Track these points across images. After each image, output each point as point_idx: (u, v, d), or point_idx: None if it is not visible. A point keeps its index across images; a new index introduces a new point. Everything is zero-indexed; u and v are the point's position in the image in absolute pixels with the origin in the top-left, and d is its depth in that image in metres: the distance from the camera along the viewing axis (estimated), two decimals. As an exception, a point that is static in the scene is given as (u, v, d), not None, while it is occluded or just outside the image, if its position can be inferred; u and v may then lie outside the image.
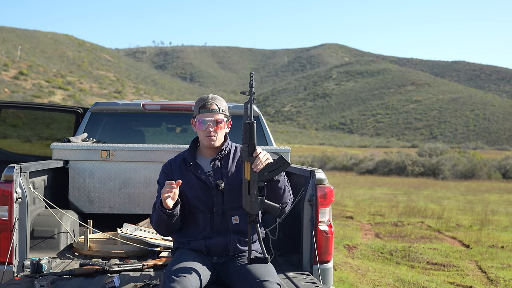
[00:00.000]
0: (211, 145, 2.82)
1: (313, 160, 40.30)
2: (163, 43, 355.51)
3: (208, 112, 2.79)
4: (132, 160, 3.93)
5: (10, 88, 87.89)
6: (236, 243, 2.76)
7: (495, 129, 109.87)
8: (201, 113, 2.80)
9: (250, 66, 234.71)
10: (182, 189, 2.77)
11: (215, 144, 2.82)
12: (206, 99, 2.83)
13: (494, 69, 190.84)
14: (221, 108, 2.82)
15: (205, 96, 2.87)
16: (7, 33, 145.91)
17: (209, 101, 2.81)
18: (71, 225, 3.65)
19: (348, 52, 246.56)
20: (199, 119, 2.79)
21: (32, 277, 2.77)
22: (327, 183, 3.12)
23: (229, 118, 2.88)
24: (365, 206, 13.94)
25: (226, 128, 2.89)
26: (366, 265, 6.69)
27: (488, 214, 12.49)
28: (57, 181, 3.87)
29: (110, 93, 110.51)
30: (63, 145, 3.93)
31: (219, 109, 2.81)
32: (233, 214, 2.79)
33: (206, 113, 2.79)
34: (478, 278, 6.13)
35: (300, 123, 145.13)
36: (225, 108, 2.85)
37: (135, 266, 3.05)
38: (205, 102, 2.81)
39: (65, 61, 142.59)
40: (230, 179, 2.79)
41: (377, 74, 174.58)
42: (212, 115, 2.79)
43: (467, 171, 30.34)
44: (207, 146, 2.83)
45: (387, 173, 33.15)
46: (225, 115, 2.84)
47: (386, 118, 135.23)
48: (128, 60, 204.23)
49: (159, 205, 2.66)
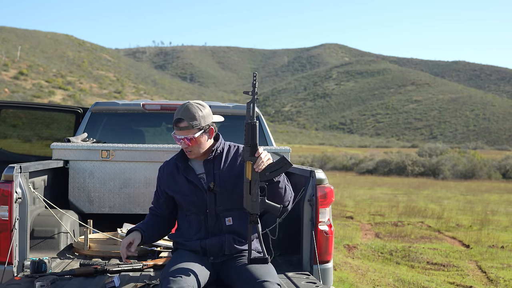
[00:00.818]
0: (192, 157, 2.81)
1: (313, 160, 40.30)
2: (163, 43, 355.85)
3: (178, 130, 2.72)
4: (132, 160, 3.93)
5: (10, 88, 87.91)
6: (232, 243, 2.76)
7: (495, 129, 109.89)
8: (174, 129, 2.75)
9: (250, 66, 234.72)
10: (176, 194, 2.82)
11: (193, 157, 2.79)
12: (177, 115, 2.71)
13: (494, 69, 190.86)
14: (193, 123, 2.68)
15: (178, 108, 2.74)
16: (7, 33, 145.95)
17: (179, 118, 2.70)
18: (71, 225, 3.64)
19: (348, 52, 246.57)
20: (174, 135, 2.76)
21: (32, 277, 2.77)
22: (327, 183, 3.12)
23: (207, 128, 2.74)
24: (365, 206, 13.94)
25: (208, 137, 2.78)
26: (366, 265, 6.69)
27: (488, 214, 12.49)
28: (57, 181, 3.87)
29: (110, 93, 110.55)
30: (63, 145, 3.93)
31: (190, 125, 2.68)
32: (227, 215, 2.78)
33: (177, 131, 2.73)
34: (478, 278, 6.13)
35: (300, 123, 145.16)
36: (199, 121, 2.69)
37: (135, 266, 3.05)
38: (176, 119, 2.71)
39: (65, 61, 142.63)
40: (223, 180, 2.78)
41: (377, 74, 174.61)
42: (184, 133, 2.71)
43: (467, 171, 30.35)
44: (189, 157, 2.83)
45: (387, 173, 33.16)
46: (200, 127, 2.70)
47: (386, 118, 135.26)
48: (128, 60, 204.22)
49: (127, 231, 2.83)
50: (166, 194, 2.86)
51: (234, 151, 2.87)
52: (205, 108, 2.76)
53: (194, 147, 2.74)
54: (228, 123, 4.20)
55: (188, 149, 2.75)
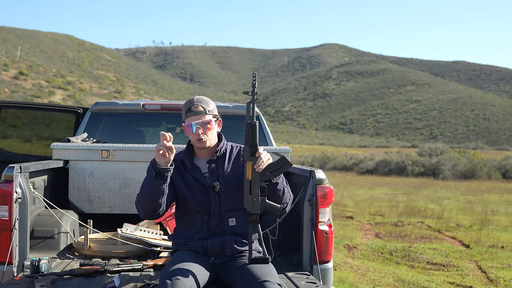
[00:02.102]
0: (203, 147, 2.80)
1: (313, 160, 40.29)
2: (163, 43, 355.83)
3: (194, 115, 2.74)
4: (132, 160, 3.93)
5: (10, 88, 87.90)
6: (233, 244, 2.76)
7: (495, 129, 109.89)
8: (188, 117, 2.76)
9: (250, 66, 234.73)
10: (180, 189, 2.78)
11: (206, 145, 2.79)
12: (191, 102, 2.77)
13: (494, 69, 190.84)
14: (208, 109, 2.76)
15: (190, 99, 2.82)
16: (7, 33, 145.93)
17: (194, 104, 2.76)
18: (71, 225, 3.65)
19: (348, 52, 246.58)
20: (187, 123, 2.76)
21: (32, 277, 2.77)
22: (327, 183, 3.12)
23: (218, 117, 2.84)
24: (365, 206, 13.94)
25: (218, 128, 2.85)
26: (366, 265, 6.69)
27: (488, 214, 12.49)
28: (57, 181, 3.87)
29: (110, 93, 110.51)
30: (63, 145, 3.93)
31: (205, 110, 2.75)
32: (230, 215, 2.78)
33: (193, 116, 2.75)
34: (478, 278, 6.13)
35: (300, 123, 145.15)
36: (212, 108, 2.80)
37: (135, 266, 3.05)
38: (191, 106, 2.76)
39: (65, 61, 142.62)
40: (226, 181, 2.79)
41: (377, 74, 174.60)
42: (199, 117, 2.74)
43: (467, 171, 30.34)
44: (200, 148, 2.82)
45: (387, 173, 33.15)
46: (213, 115, 2.79)
47: (386, 118, 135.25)
48: (128, 60, 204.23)
49: (152, 161, 2.62)
50: (172, 182, 2.78)
51: (236, 151, 2.88)
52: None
53: (208, 133, 2.77)
54: (228, 123, 4.20)
55: (201, 136, 2.75)
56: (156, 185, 2.61)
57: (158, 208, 2.69)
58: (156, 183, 2.60)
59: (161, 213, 2.74)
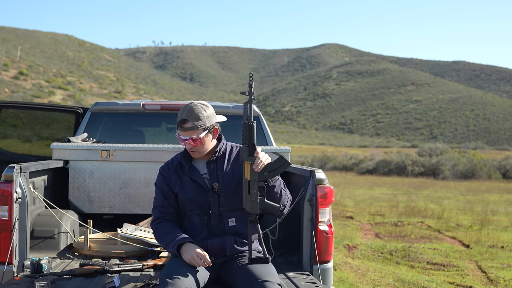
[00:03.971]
0: (196, 157, 2.81)
1: (313, 160, 40.28)
2: (163, 43, 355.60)
3: (183, 131, 2.72)
4: (132, 160, 3.93)
5: (10, 88, 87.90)
6: (233, 244, 2.76)
7: (495, 129, 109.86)
8: (179, 130, 2.74)
9: (250, 66, 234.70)
10: (179, 192, 2.79)
11: (198, 156, 2.79)
12: (181, 116, 2.72)
13: (494, 69, 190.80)
14: (198, 124, 2.69)
15: (182, 109, 2.74)
16: (7, 33, 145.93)
17: (184, 119, 2.70)
18: (71, 225, 3.65)
19: (348, 52, 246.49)
20: (178, 136, 2.76)
21: (32, 277, 2.77)
22: (327, 183, 3.12)
23: (212, 127, 2.76)
24: (365, 206, 13.94)
25: (213, 136, 2.80)
26: (366, 265, 6.69)
27: (488, 214, 12.50)
28: (57, 181, 3.88)
29: (110, 93, 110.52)
30: (63, 145, 3.93)
31: (195, 126, 2.69)
32: (230, 216, 2.78)
33: (182, 131, 2.72)
34: (478, 278, 6.14)
35: (300, 123, 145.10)
36: (204, 121, 2.70)
37: (135, 266, 3.05)
38: (180, 120, 2.72)
39: (65, 61, 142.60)
40: (226, 181, 2.78)
41: (377, 74, 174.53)
42: (189, 134, 2.71)
43: (467, 171, 30.34)
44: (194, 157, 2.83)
45: (387, 173, 33.14)
46: (205, 128, 2.72)
47: (386, 118, 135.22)
48: (128, 60, 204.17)
49: (174, 248, 2.62)
50: (173, 192, 2.81)
51: (236, 152, 2.87)
52: (208, 108, 2.77)
53: (199, 147, 2.75)
54: (228, 123, 4.20)
55: (192, 149, 2.75)
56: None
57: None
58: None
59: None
